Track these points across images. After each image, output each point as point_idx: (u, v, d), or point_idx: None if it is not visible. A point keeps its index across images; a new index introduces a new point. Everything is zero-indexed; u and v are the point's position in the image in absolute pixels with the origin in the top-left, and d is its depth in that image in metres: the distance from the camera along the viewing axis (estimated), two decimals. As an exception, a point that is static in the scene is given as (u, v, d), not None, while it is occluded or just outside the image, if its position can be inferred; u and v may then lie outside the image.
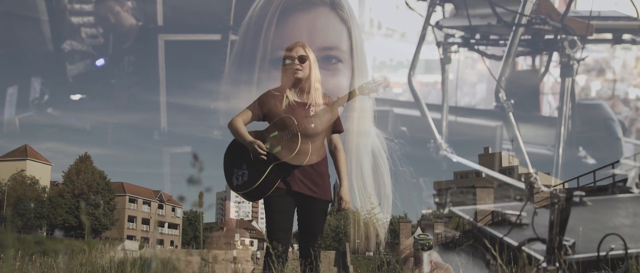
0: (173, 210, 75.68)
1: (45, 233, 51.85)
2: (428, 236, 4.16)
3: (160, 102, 11.85)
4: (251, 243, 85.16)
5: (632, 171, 8.26)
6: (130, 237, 60.77)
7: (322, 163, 3.64)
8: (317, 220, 3.63)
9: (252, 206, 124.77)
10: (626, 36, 8.15)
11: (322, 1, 7.89)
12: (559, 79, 8.43)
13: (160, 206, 73.27)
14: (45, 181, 57.56)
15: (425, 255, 4.25)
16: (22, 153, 58.74)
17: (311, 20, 7.92)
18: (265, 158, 3.53)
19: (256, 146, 3.51)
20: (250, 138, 3.58)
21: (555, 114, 8.62)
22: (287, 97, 3.62)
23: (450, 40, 9.54)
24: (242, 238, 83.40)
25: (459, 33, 9.57)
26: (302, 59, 3.64)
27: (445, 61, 9.77)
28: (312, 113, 3.57)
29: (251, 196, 3.60)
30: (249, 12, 8.08)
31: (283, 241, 3.48)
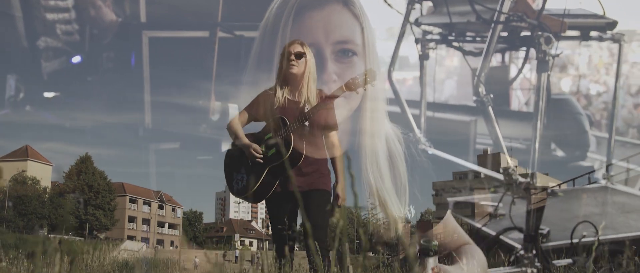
0: (173, 210, 75.90)
1: (46, 234, 52.10)
2: (434, 242, 4.37)
3: (145, 100, 12.00)
4: (251, 244, 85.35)
5: (599, 163, 8.69)
6: (130, 237, 61.00)
7: (321, 162, 3.64)
8: (317, 210, 3.58)
9: (252, 206, 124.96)
10: (593, 33, 8.60)
11: None
12: (528, 75, 8.82)
13: (161, 207, 73.48)
14: (46, 181, 57.80)
15: (430, 261, 4.47)
16: (23, 154, 59.00)
17: (325, 16, 8.25)
18: (261, 161, 3.59)
19: (252, 151, 3.58)
20: (246, 141, 3.64)
21: (525, 108, 8.97)
22: (277, 95, 3.64)
23: (429, 37, 9.90)
24: (242, 239, 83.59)
25: (437, 30, 9.93)
26: (299, 55, 3.66)
27: (423, 57, 10.16)
28: (306, 110, 3.56)
29: (252, 199, 3.65)
30: (266, 15, 8.39)
31: (287, 241, 3.51)
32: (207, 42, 11.39)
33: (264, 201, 3.68)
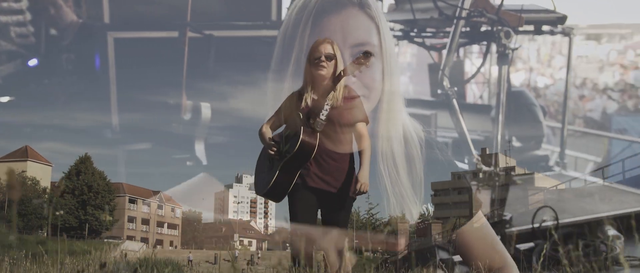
0: (172, 210, 75.94)
1: (46, 234, 52.17)
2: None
3: (111, 100, 11.98)
4: (250, 244, 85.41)
5: (553, 151, 8.92)
6: (130, 237, 61.08)
7: (343, 158, 3.57)
8: (336, 216, 3.55)
9: (251, 207, 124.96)
10: (545, 27, 8.88)
11: (351, 2, 8.44)
12: (482, 70, 9.02)
13: (160, 207, 73.53)
14: (45, 182, 57.85)
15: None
16: (23, 154, 59.02)
17: (343, 20, 8.47)
18: (277, 157, 3.57)
19: (268, 148, 3.60)
20: (268, 141, 3.64)
21: (480, 101, 9.16)
22: (306, 98, 3.58)
23: (391, 33, 10.16)
24: (241, 238, 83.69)
25: (399, 26, 10.14)
26: (329, 57, 3.58)
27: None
28: (326, 107, 3.49)
29: (272, 197, 3.60)
30: (284, 21, 8.62)
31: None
32: (176, 42, 11.45)
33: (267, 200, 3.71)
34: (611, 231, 6.59)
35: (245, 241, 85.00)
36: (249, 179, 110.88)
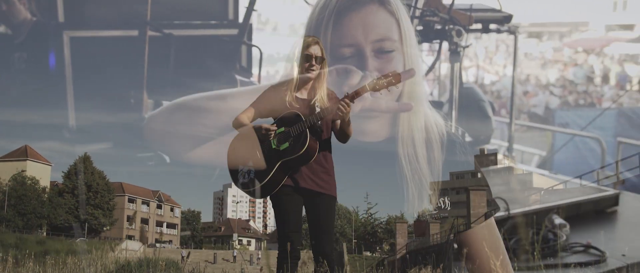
0: (172, 210, 76.06)
1: (45, 233, 52.25)
2: None
3: (68, 100, 11.97)
4: (249, 243, 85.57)
5: (501, 146, 9.21)
6: (129, 237, 61.20)
7: (328, 159, 3.59)
8: (326, 216, 3.55)
9: (250, 206, 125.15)
10: (493, 26, 9.15)
11: (371, 0, 8.66)
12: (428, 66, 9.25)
13: (159, 206, 73.65)
14: (45, 181, 57.92)
15: None
16: (23, 154, 59.05)
17: (363, 17, 8.68)
18: (273, 137, 3.50)
19: (266, 128, 3.48)
20: (255, 124, 3.54)
21: (430, 98, 9.44)
22: (290, 93, 3.57)
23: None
24: (240, 238, 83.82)
25: None
26: (319, 60, 3.60)
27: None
28: (317, 110, 3.49)
29: (258, 194, 3.54)
30: (307, 21, 8.84)
31: (296, 241, 3.45)
32: (136, 41, 11.52)
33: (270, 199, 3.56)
34: (558, 220, 6.95)
35: (245, 240, 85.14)
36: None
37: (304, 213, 3.60)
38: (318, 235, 3.52)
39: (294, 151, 3.44)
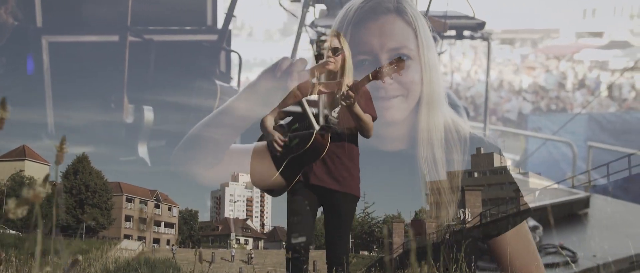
0: (170, 209, 76.30)
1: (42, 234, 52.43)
2: None
3: (46, 104, 12.11)
4: (246, 242, 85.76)
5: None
6: (127, 236, 61.46)
7: (349, 156, 3.46)
8: (340, 217, 3.42)
9: (247, 205, 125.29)
10: (466, 33, 9.34)
11: (388, 9, 8.89)
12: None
13: (157, 206, 73.88)
14: (43, 181, 58.05)
15: None
16: (21, 154, 59.30)
17: (380, 26, 8.93)
18: (279, 149, 3.42)
19: (275, 138, 3.42)
20: (271, 130, 3.47)
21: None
22: (313, 87, 3.52)
23: (323, 38, 10.62)
24: (237, 237, 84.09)
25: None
26: (335, 51, 3.54)
27: (319, 57, 11.00)
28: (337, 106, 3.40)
29: (272, 192, 3.54)
30: (330, 30, 9.12)
31: (296, 246, 3.33)
32: (116, 46, 11.69)
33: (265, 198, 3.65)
34: (531, 222, 7.20)
35: (242, 240, 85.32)
36: (245, 178, 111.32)
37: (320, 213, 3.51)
38: (331, 241, 3.41)
39: (301, 146, 3.37)
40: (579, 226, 7.72)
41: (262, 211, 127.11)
